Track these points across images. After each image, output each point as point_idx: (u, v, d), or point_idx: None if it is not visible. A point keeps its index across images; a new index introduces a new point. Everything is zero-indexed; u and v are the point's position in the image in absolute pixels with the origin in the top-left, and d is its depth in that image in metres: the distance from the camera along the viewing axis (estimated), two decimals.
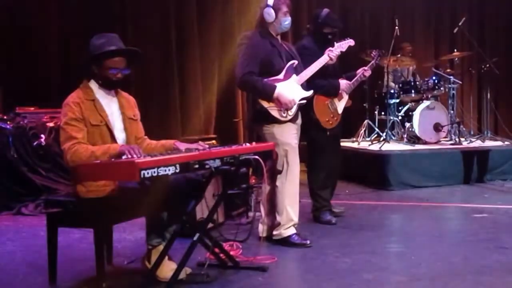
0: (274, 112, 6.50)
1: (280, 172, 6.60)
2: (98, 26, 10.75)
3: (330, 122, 7.57)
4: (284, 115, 6.54)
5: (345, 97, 7.75)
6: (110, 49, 5.37)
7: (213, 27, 13.36)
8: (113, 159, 4.78)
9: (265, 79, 6.49)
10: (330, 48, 7.11)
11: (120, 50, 5.45)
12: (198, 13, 13.14)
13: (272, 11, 6.61)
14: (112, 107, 5.47)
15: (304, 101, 6.76)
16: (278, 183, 6.66)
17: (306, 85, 6.84)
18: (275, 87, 6.45)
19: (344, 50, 7.29)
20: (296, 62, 6.78)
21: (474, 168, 11.20)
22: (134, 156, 4.72)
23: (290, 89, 6.57)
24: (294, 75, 6.69)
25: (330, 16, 7.66)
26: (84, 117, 5.21)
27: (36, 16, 11.38)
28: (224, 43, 13.35)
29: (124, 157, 4.72)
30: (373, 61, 8.25)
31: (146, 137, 5.73)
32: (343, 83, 7.67)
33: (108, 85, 5.45)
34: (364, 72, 7.89)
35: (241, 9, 13.58)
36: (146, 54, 11.85)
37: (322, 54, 7.10)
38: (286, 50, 6.81)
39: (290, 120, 6.62)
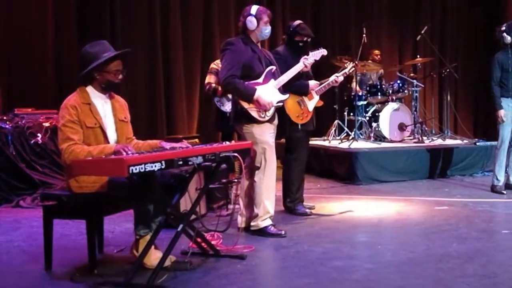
0: (253, 113, 6.54)
1: (258, 168, 6.65)
2: (90, 32, 10.80)
3: (301, 118, 7.60)
4: (263, 115, 6.58)
5: (316, 97, 7.77)
6: (112, 54, 5.43)
7: (196, 35, 13.40)
8: (103, 156, 4.81)
9: (246, 82, 6.53)
10: (305, 57, 7.19)
11: (120, 54, 5.51)
12: (182, 22, 13.18)
13: (254, 20, 6.65)
14: (106, 110, 5.50)
15: (281, 104, 6.82)
16: (256, 178, 6.70)
17: (282, 89, 6.90)
18: (255, 89, 6.50)
19: (318, 59, 7.37)
20: (274, 67, 6.83)
21: (436, 164, 11.28)
22: (129, 153, 4.77)
23: (269, 92, 6.62)
24: (272, 80, 6.74)
25: (301, 26, 7.71)
26: (80, 119, 5.25)
27: (33, 25, 11.39)
28: (206, 50, 13.41)
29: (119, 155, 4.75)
30: (346, 70, 8.30)
31: (134, 137, 5.75)
32: (312, 82, 7.70)
33: (112, 87, 5.52)
34: (336, 78, 7.95)
35: (221, 19, 13.66)
36: (134, 60, 11.95)
37: (294, 60, 7.18)
38: (265, 56, 6.85)
39: (268, 121, 6.67)
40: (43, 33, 11.42)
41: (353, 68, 8.73)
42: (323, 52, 7.42)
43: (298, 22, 7.78)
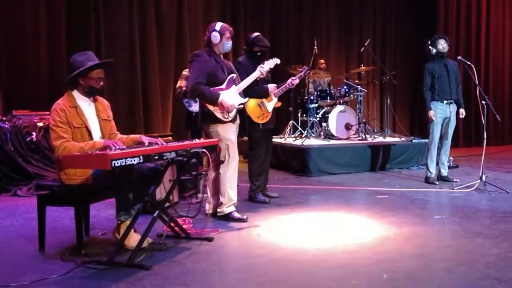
0: (218, 114, 6.61)
1: (222, 162, 6.72)
2: (78, 45, 10.80)
3: (261, 119, 7.65)
4: (226, 116, 6.64)
5: (274, 99, 7.81)
6: (95, 63, 5.46)
7: (170, 46, 13.43)
8: (90, 152, 4.85)
9: (211, 88, 6.61)
10: (261, 65, 7.22)
11: (102, 63, 5.55)
12: (158, 35, 13.22)
13: (218, 35, 6.73)
14: (90, 112, 5.53)
15: (242, 106, 6.89)
16: (221, 170, 6.75)
17: (243, 93, 6.97)
18: (219, 94, 6.57)
19: (272, 67, 7.39)
20: (235, 75, 6.90)
21: (377, 158, 11.39)
22: (118, 148, 4.88)
23: (231, 96, 6.68)
24: (233, 86, 6.80)
25: (259, 38, 7.73)
26: (68, 121, 5.28)
27: (29, 37, 11.43)
28: (178, 59, 13.43)
29: (109, 150, 4.80)
30: (301, 73, 8.35)
31: (117, 132, 5.77)
32: (271, 86, 7.76)
33: (93, 93, 5.54)
34: (292, 81, 8.00)
35: (192, 32, 13.71)
36: (116, 67, 11.93)
37: (254, 68, 7.19)
38: (227, 66, 6.91)
39: (230, 121, 6.73)
40: (37, 46, 11.45)
41: (308, 71, 8.78)
42: (276, 61, 7.46)
43: (256, 34, 7.81)
